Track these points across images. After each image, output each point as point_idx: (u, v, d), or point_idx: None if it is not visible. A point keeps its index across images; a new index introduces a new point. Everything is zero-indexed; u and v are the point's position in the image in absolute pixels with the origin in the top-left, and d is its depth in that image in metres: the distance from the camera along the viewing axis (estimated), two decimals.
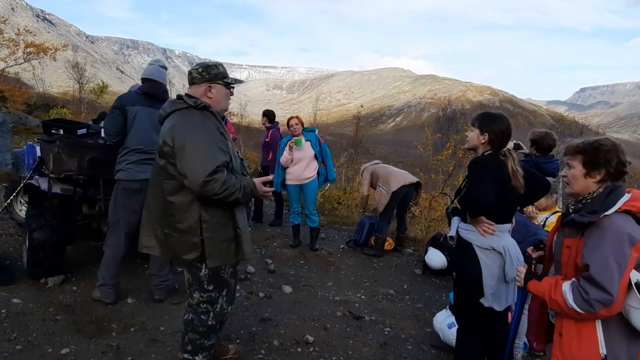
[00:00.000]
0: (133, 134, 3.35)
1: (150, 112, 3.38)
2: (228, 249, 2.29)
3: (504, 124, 2.45)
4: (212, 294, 2.38)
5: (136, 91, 3.52)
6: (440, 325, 3.37)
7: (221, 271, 2.37)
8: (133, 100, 3.42)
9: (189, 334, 2.41)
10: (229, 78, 2.39)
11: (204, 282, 2.35)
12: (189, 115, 2.23)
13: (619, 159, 1.78)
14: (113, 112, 3.38)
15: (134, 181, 3.31)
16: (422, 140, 12.07)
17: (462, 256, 2.53)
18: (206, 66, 2.34)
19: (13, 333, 2.93)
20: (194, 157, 2.10)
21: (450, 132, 22.09)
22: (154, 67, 3.60)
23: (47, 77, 58.60)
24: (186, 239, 2.23)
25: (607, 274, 1.62)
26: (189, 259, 2.27)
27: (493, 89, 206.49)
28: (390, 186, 5.34)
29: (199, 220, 2.21)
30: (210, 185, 2.08)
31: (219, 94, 2.34)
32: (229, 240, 2.29)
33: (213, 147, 2.15)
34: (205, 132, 2.18)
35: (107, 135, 3.41)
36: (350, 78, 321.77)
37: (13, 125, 12.34)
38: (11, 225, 4.93)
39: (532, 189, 2.57)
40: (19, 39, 28.54)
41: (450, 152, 11.22)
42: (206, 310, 2.39)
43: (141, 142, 3.35)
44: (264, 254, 5.17)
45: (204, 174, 2.06)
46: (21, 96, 25.04)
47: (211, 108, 2.29)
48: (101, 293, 3.44)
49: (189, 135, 2.14)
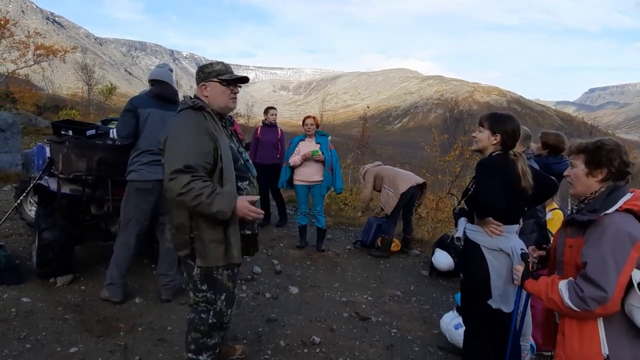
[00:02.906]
0: (145, 135, 3.39)
1: (163, 114, 3.42)
2: (215, 251, 2.22)
3: (515, 124, 2.45)
4: (207, 294, 2.34)
5: (147, 94, 3.55)
6: (447, 327, 3.34)
7: (213, 272, 2.30)
8: (145, 102, 3.46)
9: (192, 333, 2.42)
10: (225, 75, 2.32)
11: (197, 281, 2.34)
12: (184, 116, 2.26)
13: (621, 159, 1.78)
14: (126, 115, 3.41)
15: (146, 181, 3.34)
16: (429, 141, 12.02)
17: (469, 257, 2.52)
18: (202, 66, 2.38)
19: (22, 332, 2.96)
20: (167, 155, 2.13)
21: (457, 133, 22.00)
22: (164, 70, 3.67)
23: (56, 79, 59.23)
24: (179, 236, 2.28)
25: (603, 272, 1.62)
26: (182, 256, 2.32)
27: (500, 89, 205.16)
28: (399, 188, 5.32)
29: (188, 218, 2.21)
30: (172, 183, 2.05)
31: (213, 91, 2.31)
32: (217, 241, 2.21)
33: (185, 148, 2.10)
34: (186, 133, 2.15)
35: (120, 137, 3.47)
36: (357, 79, 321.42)
37: (23, 126, 12.48)
38: (21, 225, 4.98)
39: (540, 190, 2.56)
40: (29, 41, 28.92)
41: (458, 153, 11.16)
42: (205, 309, 2.37)
43: (153, 143, 3.33)
44: (270, 254, 5.18)
45: (168, 172, 2.07)
46: (31, 98, 25.31)
47: (208, 108, 2.27)
48: (109, 292, 3.47)
49: (171, 136, 2.18)
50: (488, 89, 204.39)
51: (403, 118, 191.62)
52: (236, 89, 2.37)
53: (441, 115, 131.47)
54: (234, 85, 2.35)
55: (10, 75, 28.78)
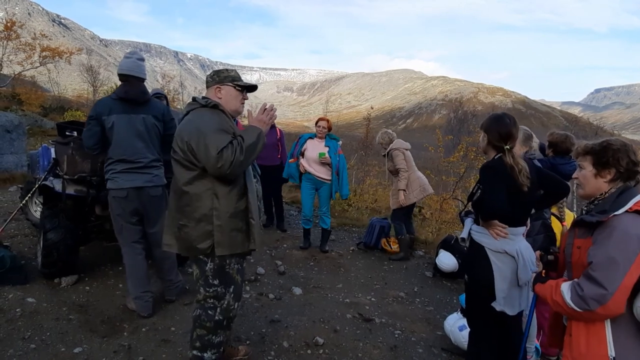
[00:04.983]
0: (114, 144, 3.20)
1: (129, 119, 3.21)
2: (236, 239, 2.38)
3: (503, 125, 2.41)
4: (218, 289, 2.42)
5: (112, 97, 3.27)
6: (451, 328, 3.33)
7: (226, 266, 2.42)
8: (109, 108, 3.19)
9: (197, 329, 2.46)
10: (239, 81, 2.51)
11: (209, 276, 2.41)
12: (200, 113, 2.38)
13: (629, 159, 1.77)
14: (90, 123, 3.19)
15: (121, 189, 3.21)
16: (433, 142, 11.99)
17: (474, 259, 2.50)
18: (217, 71, 2.54)
19: (27, 332, 2.98)
20: (205, 144, 2.21)
21: (461, 134, 21.89)
22: (132, 61, 3.28)
23: (62, 80, 59.62)
24: (200, 227, 2.34)
25: (606, 271, 1.61)
26: (203, 248, 2.35)
27: (505, 90, 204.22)
28: (419, 192, 5.25)
29: (212, 208, 2.32)
30: (222, 159, 2.18)
31: (228, 94, 2.47)
32: (238, 230, 2.38)
33: (217, 131, 2.26)
34: (211, 122, 2.30)
35: (87, 147, 3.27)
36: (361, 80, 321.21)
37: (29, 127, 12.57)
38: (26, 226, 5.02)
39: (551, 192, 2.53)
40: (35, 43, 29.15)
41: (462, 154, 11.13)
42: (213, 306, 2.43)
43: (124, 152, 3.20)
44: (274, 255, 5.18)
45: (215, 153, 2.18)
46: (37, 99, 25.48)
47: (221, 106, 2.42)
48: (136, 307, 3.35)
49: (198, 129, 2.27)
50: (493, 89, 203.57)
51: (407, 119, 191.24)
52: (246, 95, 2.56)
53: (445, 116, 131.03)
54: (245, 92, 2.55)
55: (16, 77, 29.00)
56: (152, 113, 3.32)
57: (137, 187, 3.23)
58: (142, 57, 3.45)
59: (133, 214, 3.29)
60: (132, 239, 3.34)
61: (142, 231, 3.39)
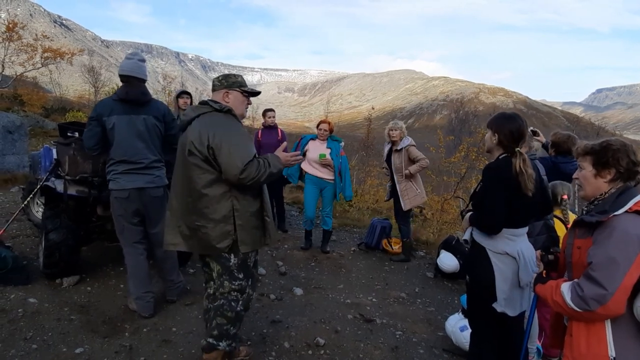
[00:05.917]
0: (115, 145, 3.21)
1: (130, 120, 3.21)
2: (255, 236, 2.55)
3: (515, 124, 2.38)
4: (242, 282, 2.58)
5: (113, 98, 3.28)
6: (453, 329, 3.33)
7: (248, 260, 2.59)
8: (110, 109, 3.20)
9: (217, 318, 2.53)
10: (246, 87, 2.63)
11: (234, 270, 2.54)
12: (217, 117, 2.47)
13: (629, 159, 1.77)
14: (90, 124, 3.21)
15: (123, 190, 3.21)
16: (434, 142, 11.96)
17: (475, 260, 2.50)
18: (226, 75, 2.65)
19: (29, 332, 2.99)
20: (231, 153, 2.34)
21: (462, 134, 21.87)
22: (133, 62, 3.29)
23: (63, 81, 59.70)
24: (220, 228, 2.44)
25: (606, 272, 1.61)
26: (222, 247, 2.46)
27: (506, 90, 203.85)
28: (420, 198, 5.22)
29: (232, 209, 2.44)
30: (246, 173, 2.33)
31: (235, 99, 2.59)
32: (257, 227, 2.55)
33: (245, 143, 2.45)
34: (237, 131, 2.46)
35: (87, 147, 3.28)
36: (362, 80, 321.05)
37: (30, 128, 12.60)
38: (28, 227, 5.03)
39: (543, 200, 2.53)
40: (36, 44, 29.23)
41: (463, 155, 11.11)
42: (236, 298, 2.57)
43: (125, 153, 3.21)
44: (275, 256, 5.18)
45: (241, 165, 2.32)
46: (39, 100, 25.52)
47: (233, 112, 2.53)
48: (137, 307, 3.35)
49: (224, 135, 2.38)
50: (494, 89, 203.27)
51: (408, 119, 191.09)
52: (250, 100, 2.69)
53: (446, 116, 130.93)
54: (249, 97, 2.68)
55: (18, 78, 29.09)
56: (153, 114, 3.33)
57: (138, 188, 3.24)
58: (143, 58, 3.46)
59: (134, 215, 3.30)
60: (134, 239, 3.34)
61: (143, 232, 3.40)
